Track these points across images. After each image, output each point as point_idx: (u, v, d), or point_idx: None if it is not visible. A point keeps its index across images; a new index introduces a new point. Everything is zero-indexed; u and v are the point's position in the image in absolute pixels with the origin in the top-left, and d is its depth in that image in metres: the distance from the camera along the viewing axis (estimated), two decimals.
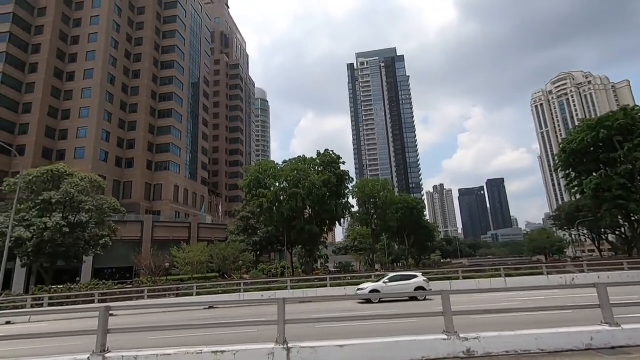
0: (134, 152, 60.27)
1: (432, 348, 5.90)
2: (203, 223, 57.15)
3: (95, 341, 5.92)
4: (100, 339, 5.84)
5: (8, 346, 9.94)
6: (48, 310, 21.36)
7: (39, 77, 55.09)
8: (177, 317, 17.63)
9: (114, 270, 44.91)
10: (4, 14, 55.17)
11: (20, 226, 30.21)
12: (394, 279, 20.33)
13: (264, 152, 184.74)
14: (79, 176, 34.47)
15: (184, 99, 69.75)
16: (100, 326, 5.90)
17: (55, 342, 10.20)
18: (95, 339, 5.93)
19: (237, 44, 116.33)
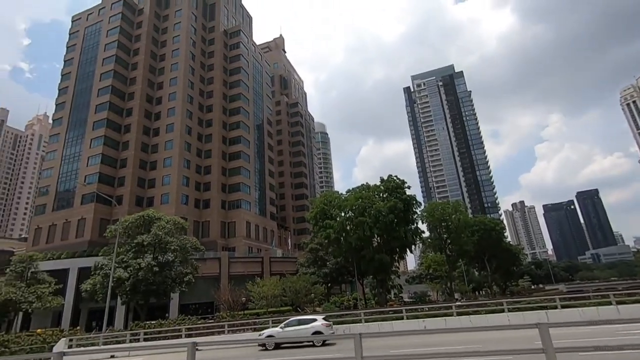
0: (210, 193, 65.51)
1: None
2: (274, 257, 58.90)
3: None
4: None
5: None
6: (144, 345, 23.26)
7: (132, 136, 63.83)
8: (255, 352, 17.99)
9: (197, 305, 47.85)
10: (105, 87, 65.90)
11: (119, 267, 34.04)
12: (290, 324, 19.84)
13: (328, 183, 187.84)
14: (165, 219, 38.16)
15: (250, 140, 74.92)
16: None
17: None
18: None
19: (295, 83, 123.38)
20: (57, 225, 58.65)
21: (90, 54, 71.05)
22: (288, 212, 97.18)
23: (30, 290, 39.63)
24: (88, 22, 74.86)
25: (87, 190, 57.75)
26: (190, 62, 70.99)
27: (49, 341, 26.70)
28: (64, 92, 70.42)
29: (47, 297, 40.49)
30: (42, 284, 41.30)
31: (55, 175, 63.51)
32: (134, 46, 71.69)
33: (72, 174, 61.83)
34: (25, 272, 41.07)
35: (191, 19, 74.01)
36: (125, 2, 72.07)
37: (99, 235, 51.66)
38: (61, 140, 66.02)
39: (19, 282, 40.05)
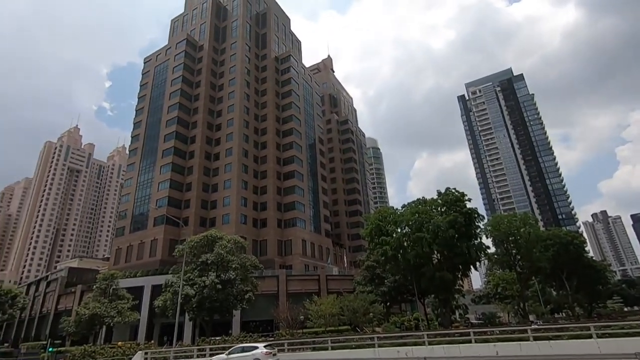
0: (266, 212, 67.80)
1: None
2: (330, 275, 58.66)
3: None
4: None
5: None
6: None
7: (195, 162, 68.92)
8: None
9: (258, 323, 48.97)
10: (172, 118, 72.39)
11: (187, 285, 36.25)
12: (234, 351, 20.30)
13: (381, 198, 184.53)
14: (227, 238, 40.12)
15: (303, 159, 76.76)
16: None
17: None
18: None
19: (344, 101, 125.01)
20: (134, 246, 64.47)
21: (159, 90, 78.93)
22: (342, 229, 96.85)
23: (112, 306, 43.73)
24: (157, 61, 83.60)
25: (158, 213, 63.03)
26: (245, 89, 75.53)
27: (128, 353, 29.00)
28: (138, 126, 78.67)
29: (126, 312, 44.36)
30: (121, 300, 45.41)
31: (131, 201, 70.37)
32: (195, 79, 78.33)
33: (145, 198, 68.06)
34: (108, 289, 45.49)
35: (245, 49, 79.18)
36: (187, 41, 79.50)
37: (169, 254, 55.73)
38: (136, 168, 73.32)
39: (103, 298, 44.45)
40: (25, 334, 64.83)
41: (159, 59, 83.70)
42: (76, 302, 54.01)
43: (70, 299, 57.98)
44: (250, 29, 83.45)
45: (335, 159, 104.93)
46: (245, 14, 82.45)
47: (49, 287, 66.30)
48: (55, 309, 59.92)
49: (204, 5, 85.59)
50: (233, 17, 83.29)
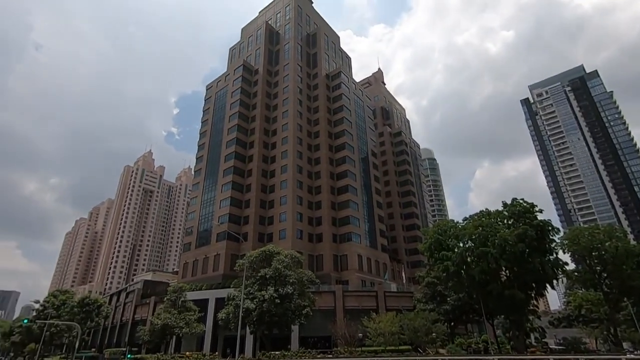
0: (322, 227, 68.25)
1: None
2: (388, 291, 56.85)
3: None
4: None
5: None
6: None
7: (253, 179, 72.12)
8: None
9: (316, 339, 48.73)
10: (231, 139, 76.93)
11: (247, 299, 37.45)
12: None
13: (440, 211, 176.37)
14: (284, 253, 40.94)
15: (357, 174, 76.51)
16: None
17: None
18: None
19: (397, 113, 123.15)
20: (199, 260, 68.59)
21: (220, 114, 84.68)
22: (399, 243, 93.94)
23: (181, 317, 46.59)
24: (217, 87, 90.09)
25: (220, 229, 66.62)
26: (298, 107, 78.01)
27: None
28: (201, 148, 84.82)
29: (193, 324, 46.94)
30: (189, 311, 48.21)
31: (197, 218, 75.36)
32: (252, 102, 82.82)
33: (209, 215, 72.46)
34: (177, 301, 48.64)
35: (297, 69, 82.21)
36: (244, 66, 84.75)
37: (231, 268, 58.27)
38: (200, 187, 78.67)
39: (173, 309, 47.60)
40: (108, 341, 71.48)
41: (219, 85, 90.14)
42: (150, 313, 58.52)
43: (145, 309, 63.00)
44: (302, 50, 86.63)
45: (389, 172, 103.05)
46: (296, 36, 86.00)
47: (127, 297, 72.79)
48: (132, 318, 65.50)
49: (258, 32, 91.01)
50: (285, 41, 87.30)
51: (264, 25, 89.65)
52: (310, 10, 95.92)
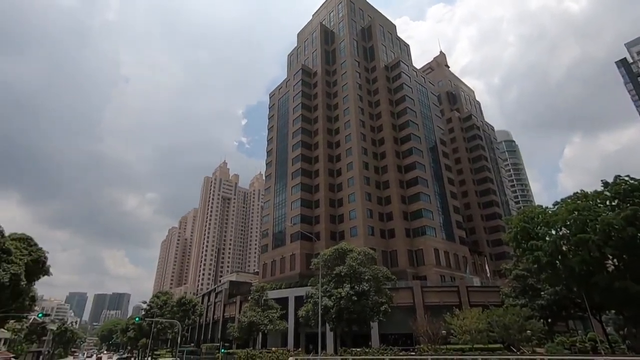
0: (393, 223, 66.72)
1: None
2: (471, 286, 53.34)
3: None
4: None
5: None
6: None
7: (321, 180, 73.33)
8: None
9: (397, 336, 47.77)
10: (296, 142, 79.23)
11: (325, 296, 38.17)
12: None
13: (524, 197, 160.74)
14: (356, 251, 40.92)
15: (426, 164, 73.29)
16: None
17: None
18: None
19: (464, 96, 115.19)
20: (276, 261, 71.88)
21: (283, 119, 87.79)
22: (479, 234, 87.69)
23: (264, 315, 49.31)
24: (279, 94, 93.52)
25: (293, 230, 68.99)
26: (359, 103, 77.37)
27: (281, 358, 31.94)
28: (269, 154, 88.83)
29: (276, 321, 49.34)
30: (271, 309, 50.79)
31: (271, 220, 79.08)
32: (313, 103, 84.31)
33: (282, 217, 75.54)
34: (260, 300, 51.57)
35: (354, 65, 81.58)
36: (303, 70, 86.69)
37: (306, 267, 60.01)
38: (272, 191, 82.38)
39: (257, 307, 50.59)
40: (204, 337, 78.58)
41: (280, 92, 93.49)
42: (237, 311, 62.94)
43: (233, 308, 67.95)
44: (357, 45, 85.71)
45: (462, 160, 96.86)
46: (350, 32, 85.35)
47: (217, 297, 79.26)
48: (222, 316, 71.16)
49: (313, 35, 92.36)
50: (340, 39, 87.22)
51: (318, 27, 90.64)
52: (363, 4, 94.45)
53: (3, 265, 31.83)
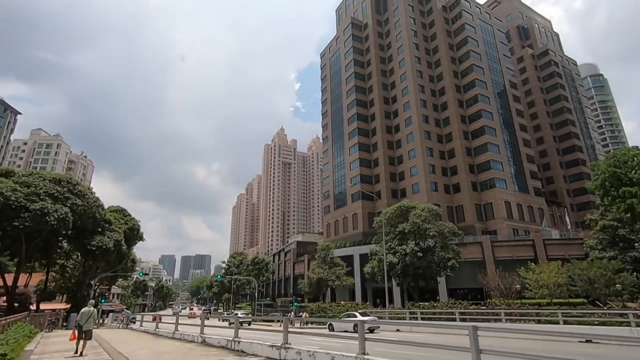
0: (458, 177, 63.52)
1: None
2: (549, 239, 49.66)
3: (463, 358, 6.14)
4: (475, 357, 5.96)
5: (397, 349, 12.27)
6: (423, 323, 25.07)
7: (378, 138, 71.54)
8: (545, 347, 15.49)
9: (465, 290, 47.09)
10: (351, 102, 77.39)
11: (389, 253, 38.56)
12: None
13: (614, 139, 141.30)
14: (420, 207, 40.14)
15: (493, 112, 67.25)
16: (473, 344, 6.06)
17: (431, 352, 11.57)
18: (464, 355, 6.12)
19: (539, 28, 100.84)
20: (339, 221, 73.57)
21: (336, 79, 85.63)
22: (558, 184, 79.94)
23: (331, 272, 51.63)
24: (330, 53, 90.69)
25: (354, 190, 69.37)
26: (414, 52, 72.14)
27: (349, 310, 33.54)
28: (325, 115, 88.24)
29: (343, 277, 51.46)
30: (337, 266, 52.93)
31: (331, 182, 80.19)
32: (365, 58, 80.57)
33: (342, 179, 76.11)
34: (326, 258, 53.89)
35: (408, 11, 75.24)
36: (352, 24, 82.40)
37: (369, 226, 60.59)
38: (330, 154, 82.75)
39: (324, 265, 53.08)
40: (278, 292, 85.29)
41: (331, 50, 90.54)
42: (305, 268, 66.74)
43: (301, 266, 72.14)
44: None
45: (536, 102, 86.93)
46: None
47: (286, 256, 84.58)
48: (292, 274, 76.15)
49: None
50: None
51: None
52: None
53: (107, 234, 36.98)
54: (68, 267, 45.49)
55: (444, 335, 19.30)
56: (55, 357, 12.15)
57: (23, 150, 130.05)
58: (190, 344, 14.97)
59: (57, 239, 34.77)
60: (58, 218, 29.83)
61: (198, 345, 14.34)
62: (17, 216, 28.38)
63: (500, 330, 12.13)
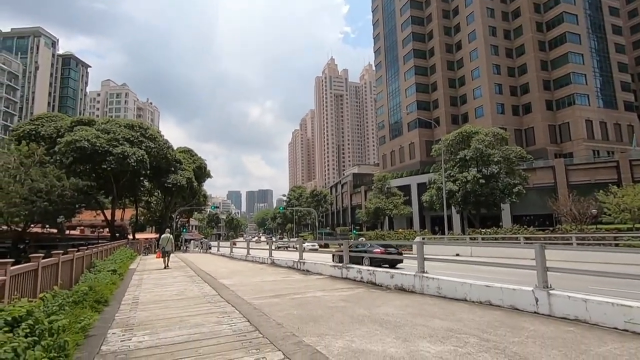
0: (529, 96, 57.01)
1: None
2: (637, 159, 44.07)
3: (529, 277, 5.98)
4: (541, 275, 5.79)
5: (458, 270, 12.42)
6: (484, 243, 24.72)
7: (437, 58, 65.42)
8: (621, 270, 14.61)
9: (532, 217, 44.97)
10: (406, 20, 70.19)
11: (449, 181, 37.45)
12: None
13: None
14: (483, 132, 37.45)
15: (579, 13, 56.83)
16: (539, 263, 5.86)
17: (490, 274, 11.53)
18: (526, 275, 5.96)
19: None
20: (395, 151, 72.04)
21: None
22: None
23: (388, 201, 52.20)
24: None
25: (410, 118, 66.26)
26: None
27: (408, 237, 34.31)
28: (377, 39, 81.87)
29: (400, 206, 51.92)
30: (394, 196, 53.21)
31: (385, 112, 77.11)
32: None
33: (396, 107, 72.66)
34: (383, 188, 54.20)
35: None
36: None
37: (427, 155, 58.62)
38: (383, 81, 78.30)
39: (380, 195, 53.67)
40: (337, 222, 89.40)
41: None
42: (362, 199, 68.19)
43: (358, 197, 73.75)
44: None
45: None
46: None
47: (343, 188, 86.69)
48: (350, 204, 78.51)
49: None
50: None
51: None
52: None
53: (179, 172, 40.57)
54: (152, 203, 51.62)
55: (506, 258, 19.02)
56: (152, 272, 14.45)
57: (98, 101, 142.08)
58: (261, 264, 16.63)
59: (139, 179, 39.10)
60: (137, 160, 33.14)
61: (268, 266, 15.89)
62: (104, 160, 32.08)
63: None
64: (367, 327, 5.21)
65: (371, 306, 6.66)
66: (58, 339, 3.61)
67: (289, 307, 6.81)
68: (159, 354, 4.20)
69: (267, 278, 11.49)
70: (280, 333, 4.94)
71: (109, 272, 10.86)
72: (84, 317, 5.39)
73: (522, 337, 4.51)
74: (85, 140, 31.25)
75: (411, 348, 4.19)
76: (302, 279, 11.18)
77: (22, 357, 2.53)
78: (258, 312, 6.29)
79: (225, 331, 5.13)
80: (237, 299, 7.70)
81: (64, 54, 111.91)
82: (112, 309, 7.10)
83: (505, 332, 4.78)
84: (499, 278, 8.14)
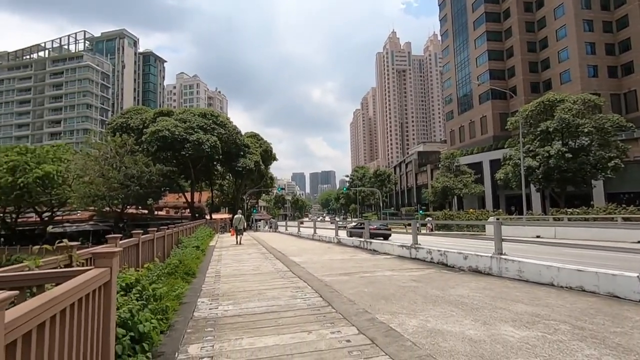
0: (631, 53, 48.71)
1: None
2: None
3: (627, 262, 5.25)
4: None
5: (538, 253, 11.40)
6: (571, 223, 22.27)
7: (513, 20, 58.81)
8: None
9: (632, 195, 39.24)
10: None
11: (527, 157, 34.11)
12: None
13: None
14: (570, 100, 33.22)
15: None
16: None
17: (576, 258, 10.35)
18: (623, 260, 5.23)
19: None
20: (464, 126, 67.38)
21: None
22: None
23: (457, 180, 49.45)
24: None
25: (481, 90, 61.10)
26: None
27: (480, 218, 32.32)
28: (443, 6, 75.93)
29: (471, 185, 48.92)
30: (464, 174, 50.18)
31: (453, 84, 72.03)
32: None
33: (466, 78, 67.38)
34: (451, 166, 51.38)
35: None
36: None
37: (501, 129, 53.86)
38: (450, 51, 72.85)
39: (448, 173, 51.02)
40: (401, 202, 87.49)
41: None
42: (429, 178, 65.53)
43: (424, 176, 71.01)
44: None
45: None
46: None
47: (407, 168, 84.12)
48: (415, 184, 76.04)
49: None
50: None
51: None
52: None
53: (247, 156, 42.85)
54: (224, 186, 55.50)
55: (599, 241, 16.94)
56: (229, 249, 15.74)
57: (174, 93, 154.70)
58: (328, 243, 17.04)
59: (212, 163, 42.19)
60: (210, 146, 35.73)
61: (335, 245, 16.23)
62: (182, 147, 35.16)
63: None
64: (441, 307, 5.07)
65: (444, 287, 6.46)
66: (160, 304, 4.16)
67: (359, 284, 6.91)
68: (242, 322, 4.58)
69: (335, 257, 11.76)
70: (353, 309, 5.05)
71: (194, 248, 12.03)
72: (178, 286, 6.08)
73: (625, 328, 4.02)
74: (166, 130, 34.50)
75: (492, 331, 3.99)
76: (369, 257, 11.24)
77: (136, 317, 2.97)
78: (329, 289, 6.49)
79: (300, 304, 5.39)
80: (308, 275, 8.03)
81: (144, 52, 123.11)
82: (198, 280, 7.89)
83: (603, 320, 4.30)
84: (589, 262, 7.29)
